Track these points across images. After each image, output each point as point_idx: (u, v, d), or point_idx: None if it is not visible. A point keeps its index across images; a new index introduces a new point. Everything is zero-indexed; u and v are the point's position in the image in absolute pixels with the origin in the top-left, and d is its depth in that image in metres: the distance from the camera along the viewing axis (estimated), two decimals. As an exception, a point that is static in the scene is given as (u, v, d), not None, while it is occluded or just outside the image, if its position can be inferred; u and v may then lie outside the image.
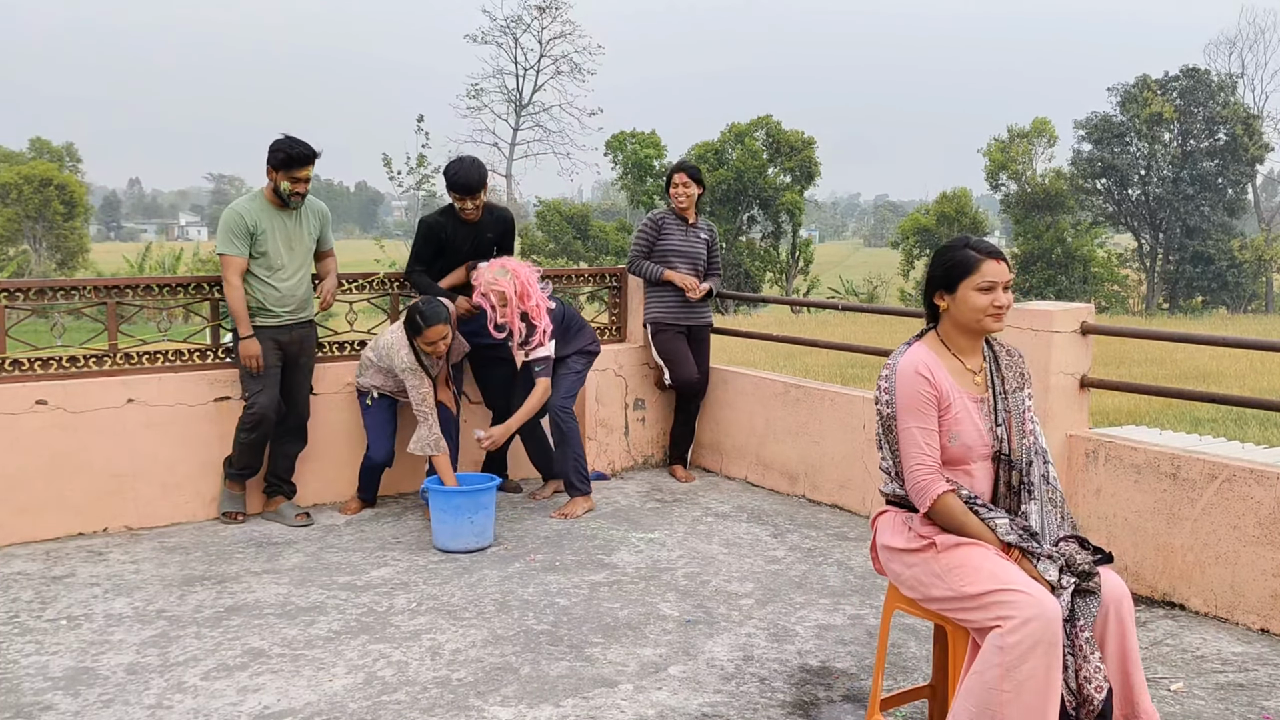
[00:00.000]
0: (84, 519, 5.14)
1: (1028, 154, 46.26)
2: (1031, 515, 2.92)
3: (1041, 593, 2.67)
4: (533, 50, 47.53)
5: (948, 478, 2.89)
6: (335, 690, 3.50)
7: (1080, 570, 2.75)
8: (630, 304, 6.61)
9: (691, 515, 5.60)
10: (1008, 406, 2.97)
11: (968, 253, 2.93)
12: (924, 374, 2.88)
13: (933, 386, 2.88)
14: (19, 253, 43.13)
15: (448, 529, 4.92)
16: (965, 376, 2.96)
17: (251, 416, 5.16)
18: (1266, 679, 3.65)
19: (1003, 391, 2.98)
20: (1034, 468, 2.96)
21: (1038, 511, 2.93)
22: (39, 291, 5.21)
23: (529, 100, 47.96)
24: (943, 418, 2.90)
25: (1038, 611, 2.63)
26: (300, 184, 5.13)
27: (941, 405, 2.89)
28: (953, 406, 2.90)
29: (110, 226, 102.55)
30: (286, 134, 5.15)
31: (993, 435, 2.93)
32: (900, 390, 2.90)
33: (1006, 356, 3.06)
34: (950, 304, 2.95)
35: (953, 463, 2.92)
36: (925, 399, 2.87)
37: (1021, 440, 2.97)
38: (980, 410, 2.93)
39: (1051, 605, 2.65)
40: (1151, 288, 45.63)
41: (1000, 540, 2.82)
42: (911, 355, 2.94)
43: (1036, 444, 3.00)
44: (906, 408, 2.88)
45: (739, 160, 43.19)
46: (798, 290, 45.34)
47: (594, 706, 3.40)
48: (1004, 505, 2.95)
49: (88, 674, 3.61)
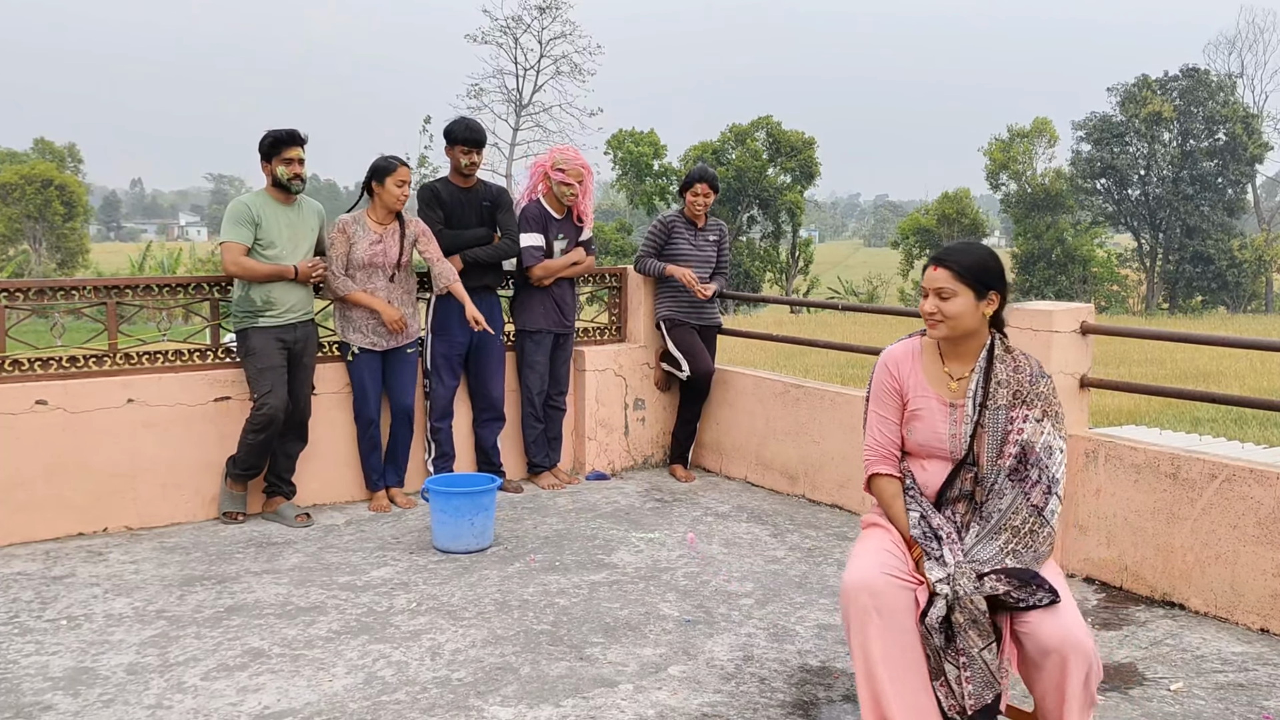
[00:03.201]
0: (84, 519, 5.14)
1: (1028, 154, 46.29)
2: (970, 531, 2.89)
3: (856, 568, 2.84)
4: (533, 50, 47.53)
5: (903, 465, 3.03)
6: (335, 690, 3.50)
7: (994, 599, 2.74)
8: (630, 304, 6.61)
9: (691, 515, 5.60)
10: (983, 420, 2.91)
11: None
12: (889, 367, 3.04)
13: (895, 380, 3.02)
14: (19, 253, 43.15)
15: (448, 530, 4.92)
16: (941, 379, 2.98)
17: (261, 417, 5.16)
18: (1266, 679, 3.65)
19: (982, 404, 2.92)
20: (1004, 494, 2.87)
21: (977, 532, 2.88)
22: (39, 291, 5.21)
23: (529, 100, 47.95)
24: (905, 412, 3.01)
25: (846, 581, 2.84)
26: (295, 165, 5.20)
27: (904, 399, 3.00)
28: (913, 404, 2.98)
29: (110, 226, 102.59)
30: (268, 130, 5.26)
31: (954, 441, 2.93)
32: (872, 378, 3.10)
33: (1011, 373, 2.92)
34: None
35: (911, 454, 3.04)
36: (885, 389, 3.04)
37: (996, 458, 2.90)
38: (947, 414, 2.94)
39: (851, 577, 2.83)
40: (1151, 288, 45.65)
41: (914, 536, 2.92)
42: (892, 348, 3.08)
43: (1025, 472, 2.86)
44: (871, 394, 3.08)
45: (739, 160, 43.22)
46: (798, 290, 45.35)
47: (594, 706, 3.40)
48: (950, 509, 2.94)
49: (88, 674, 3.61)
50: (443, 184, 5.84)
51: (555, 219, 6.00)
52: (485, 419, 5.96)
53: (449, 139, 5.79)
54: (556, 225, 6.00)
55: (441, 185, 5.83)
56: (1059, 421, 2.91)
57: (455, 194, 5.78)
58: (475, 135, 5.80)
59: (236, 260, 5.12)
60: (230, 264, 5.13)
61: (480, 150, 5.83)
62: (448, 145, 5.79)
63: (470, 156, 5.75)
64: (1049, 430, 2.89)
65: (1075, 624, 2.74)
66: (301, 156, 5.22)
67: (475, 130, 5.82)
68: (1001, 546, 2.83)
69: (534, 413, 6.09)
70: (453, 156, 5.78)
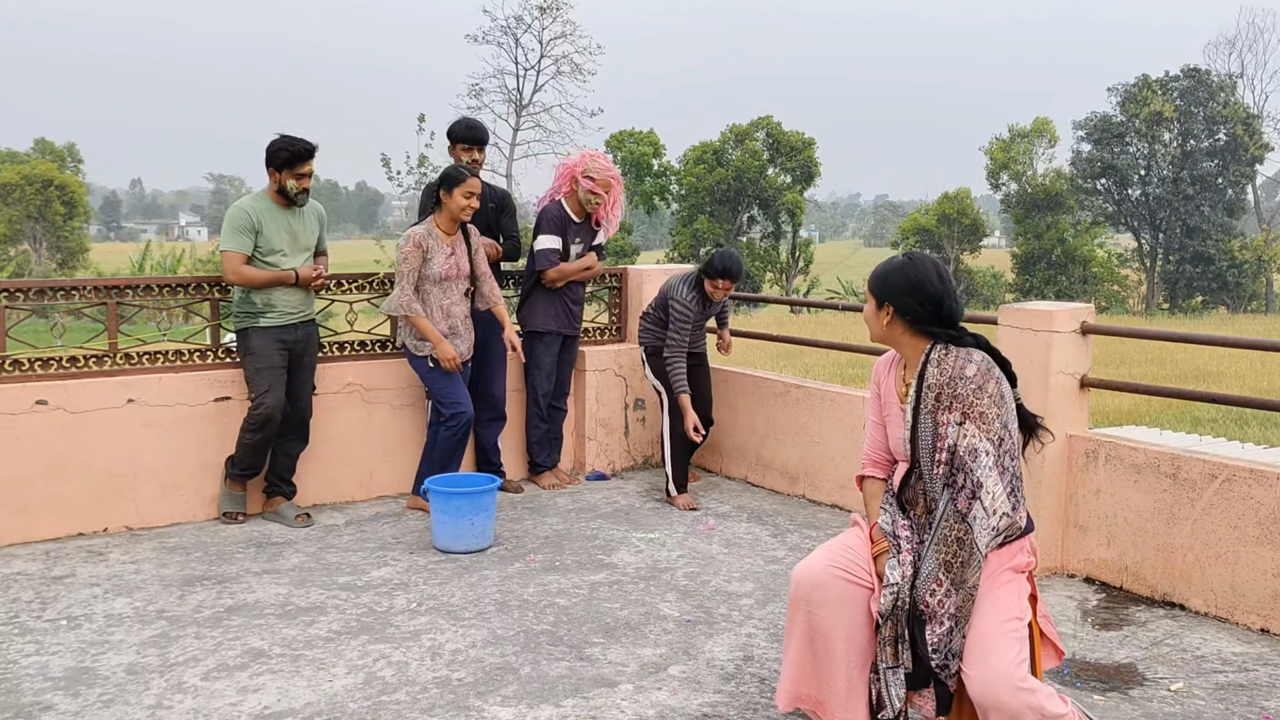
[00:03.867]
0: (84, 519, 5.14)
1: (1028, 154, 46.28)
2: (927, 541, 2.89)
3: (808, 560, 3.00)
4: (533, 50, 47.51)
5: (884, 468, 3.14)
6: (335, 690, 3.50)
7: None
8: (630, 304, 6.61)
9: (691, 515, 5.60)
10: (919, 425, 2.91)
11: None
12: (874, 374, 3.17)
13: (877, 386, 3.14)
14: (19, 253, 43.14)
15: (448, 530, 4.92)
16: (902, 385, 3.06)
17: (258, 417, 5.16)
18: (1266, 679, 3.65)
19: (915, 408, 2.92)
20: (939, 500, 2.86)
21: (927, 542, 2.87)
22: (39, 291, 5.21)
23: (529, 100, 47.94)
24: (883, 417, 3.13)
25: (794, 571, 3.01)
26: (305, 179, 5.19)
27: (883, 403, 3.11)
28: (885, 409, 3.10)
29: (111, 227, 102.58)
30: (281, 134, 5.19)
31: (903, 444, 2.98)
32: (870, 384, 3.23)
33: (937, 377, 2.87)
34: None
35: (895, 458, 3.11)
36: (873, 395, 3.16)
37: (931, 463, 2.88)
38: (902, 418, 2.99)
39: (799, 567, 3.00)
40: (1151, 288, 45.63)
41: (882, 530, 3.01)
42: (882, 356, 3.20)
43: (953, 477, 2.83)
44: (868, 400, 3.20)
45: (739, 160, 43.21)
46: (798, 290, 45.35)
47: (594, 706, 3.40)
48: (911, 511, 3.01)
49: (88, 674, 3.61)
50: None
51: (575, 223, 5.95)
52: (486, 419, 5.96)
53: (451, 138, 5.79)
54: (575, 229, 5.96)
55: None
56: (984, 423, 2.78)
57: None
58: (477, 134, 5.81)
59: (237, 270, 5.11)
60: (231, 273, 5.13)
61: (482, 149, 5.84)
62: (450, 145, 5.80)
63: (472, 155, 5.76)
64: (971, 433, 2.78)
65: (1000, 679, 2.66)
66: (312, 170, 5.22)
67: (477, 129, 5.83)
68: (938, 561, 2.81)
69: (539, 413, 6.07)
70: (455, 156, 5.78)
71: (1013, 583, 2.85)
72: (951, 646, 2.78)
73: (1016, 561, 2.86)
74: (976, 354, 2.89)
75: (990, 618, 2.77)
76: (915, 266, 2.95)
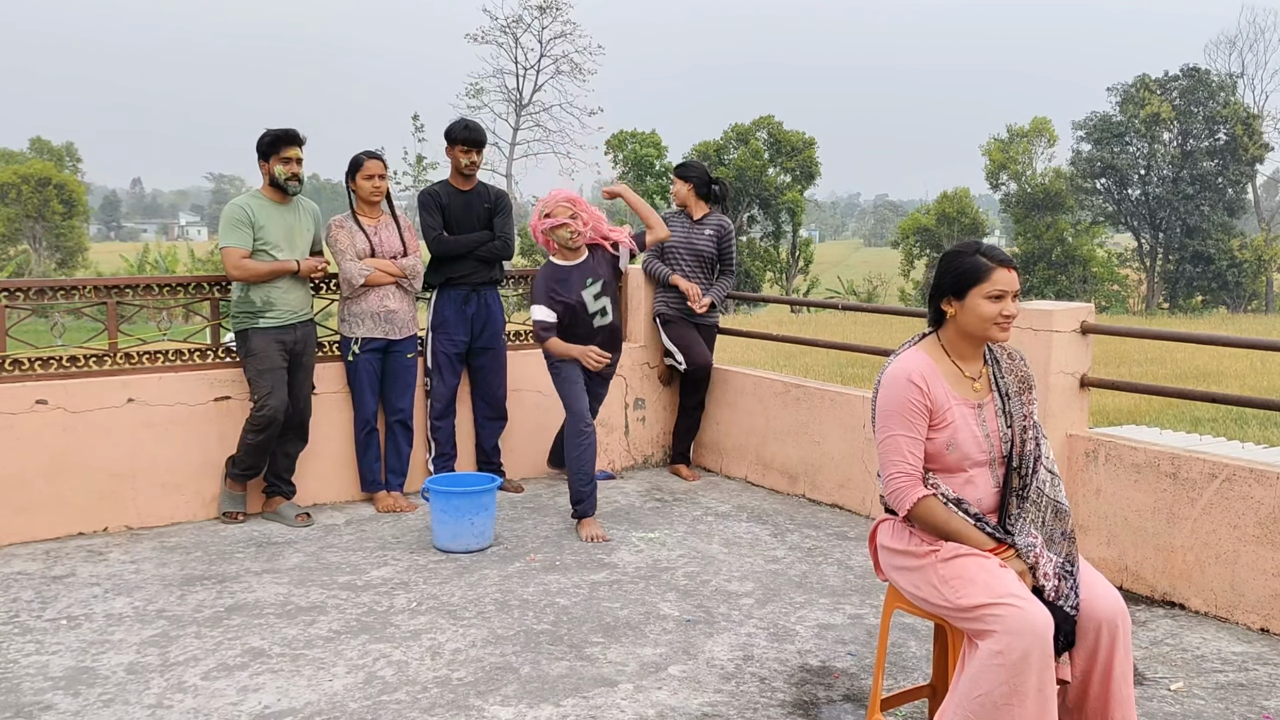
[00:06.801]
0: (84, 519, 5.14)
1: (1028, 153, 46.28)
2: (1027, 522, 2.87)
3: (1033, 604, 2.66)
4: (533, 50, 47.53)
5: (934, 482, 2.88)
6: (335, 690, 3.50)
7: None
8: (629, 304, 6.61)
9: (691, 515, 5.60)
10: (1010, 410, 2.94)
11: (979, 259, 2.87)
12: (918, 383, 2.85)
13: (925, 396, 2.85)
14: (19, 252, 43.15)
15: (448, 529, 4.92)
16: (964, 383, 2.93)
17: (261, 418, 5.16)
18: (1266, 679, 3.65)
19: (1007, 394, 2.95)
20: (1037, 476, 2.92)
21: (1034, 519, 2.88)
22: (39, 291, 5.21)
23: (529, 100, 47.95)
24: (940, 427, 2.87)
25: (1028, 625, 2.62)
26: (293, 164, 5.20)
27: (936, 415, 2.86)
28: (949, 414, 2.87)
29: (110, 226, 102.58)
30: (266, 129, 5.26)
31: (990, 441, 2.90)
32: (888, 397, 2.89)
33: (1008, 360, 3.01)
34: (958, 311, 2.89)
35: (951, 470, 2.89)
36: (915, 409, 2.85)
37: (1022, 449, 2.93)
38: (976, 416, 2.90)
39: (1042, 618, 2.64)
40: (1151, 287, 45.63)
41: (989, 536, 2.84)
42: (905, 362, 2.90)
43: (1039, 451, 2.94)
44: (893, 414, 2.87)
45: (740, 160, 43.20)
46: (798, 290, 45.35)
47: (594, 706, 3.40)
48: (1009, 510, 2.89)
49: (88, 674, 3.61)
50: (442, 187, 5.83)
51: (576, 269, 5.27)
52: (486, 418, 5.96)
53: (449, 139, 5.79)
54: (579, 274, 5.26)
55: (441, 189, 5.82)
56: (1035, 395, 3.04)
57: (455, 197, 5.77)
58: (475, 135, 5.80)
59: (238, 264, 5.12)
60: (233, 269, 5.13)
61: (480, 150, 5.83)
62: (448, 146, 5.79)
63: (470, 156, 5.75)
64: (1034, 409, 3.00)
65: (1115, 595, 2.82)
66: (300, 156, 5.22)
67: (474, 130, 5.82)
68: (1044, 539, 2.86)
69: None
70: (453, 157, 5.78)
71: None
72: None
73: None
74: None
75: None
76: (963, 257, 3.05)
